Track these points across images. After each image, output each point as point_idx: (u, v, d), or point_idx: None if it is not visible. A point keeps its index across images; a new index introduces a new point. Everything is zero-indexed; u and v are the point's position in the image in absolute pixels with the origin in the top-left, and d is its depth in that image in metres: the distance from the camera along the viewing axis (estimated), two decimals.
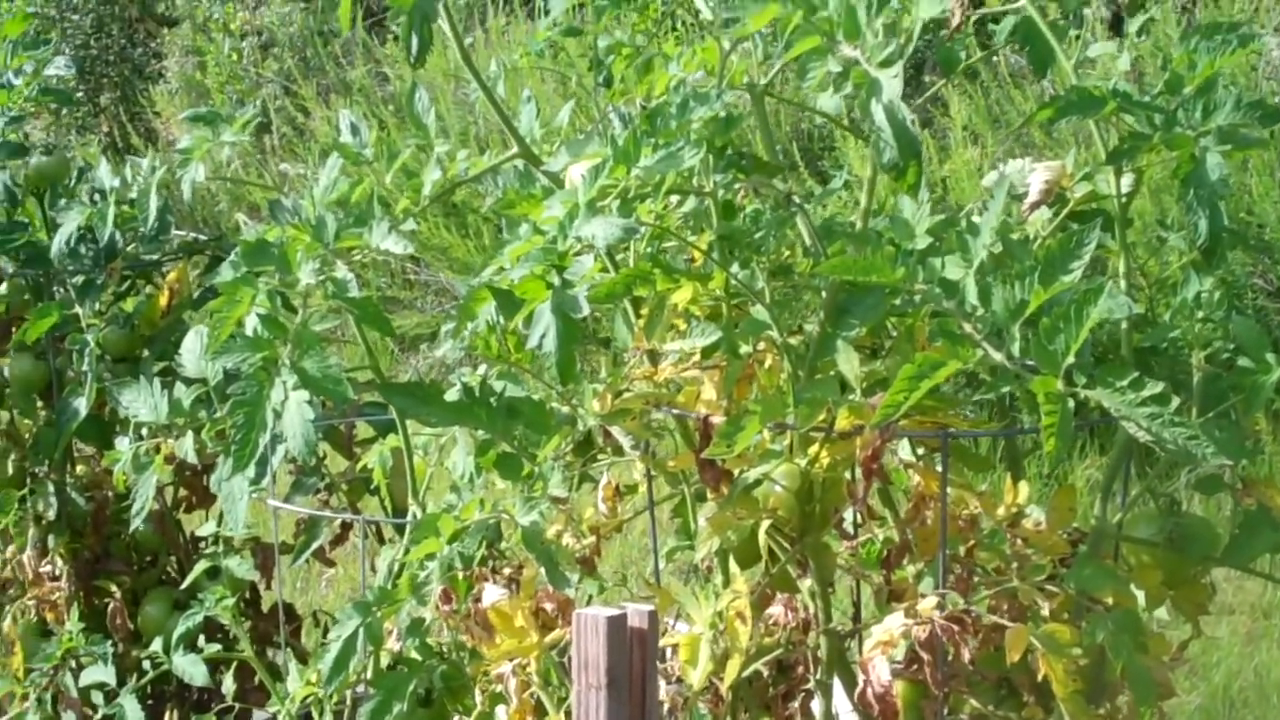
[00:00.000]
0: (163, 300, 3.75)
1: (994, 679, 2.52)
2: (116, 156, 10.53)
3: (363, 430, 3.69)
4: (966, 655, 2.34)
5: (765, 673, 2.63)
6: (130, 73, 11.58)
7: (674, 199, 2.61)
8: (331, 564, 3.61)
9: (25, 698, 3.57)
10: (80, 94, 11.46)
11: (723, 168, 2.50)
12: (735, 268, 2.53)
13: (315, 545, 3.40)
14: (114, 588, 3.79)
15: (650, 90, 2.74)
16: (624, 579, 2.85)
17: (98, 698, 3.38)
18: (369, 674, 2.88)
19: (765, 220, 2.50)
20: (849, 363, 2.38)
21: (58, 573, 3.78)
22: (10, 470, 3.81)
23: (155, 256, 3.81)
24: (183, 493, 3.84)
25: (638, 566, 5.85)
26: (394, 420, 3.51)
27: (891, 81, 2.09)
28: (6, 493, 3.74)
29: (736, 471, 2.54)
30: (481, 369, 2.84)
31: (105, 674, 3.31)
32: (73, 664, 3.58)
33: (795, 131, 7.96)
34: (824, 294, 2.56)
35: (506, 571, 2.81)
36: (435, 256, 8.49)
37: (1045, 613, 2.44)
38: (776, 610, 2.62)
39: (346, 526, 3.49)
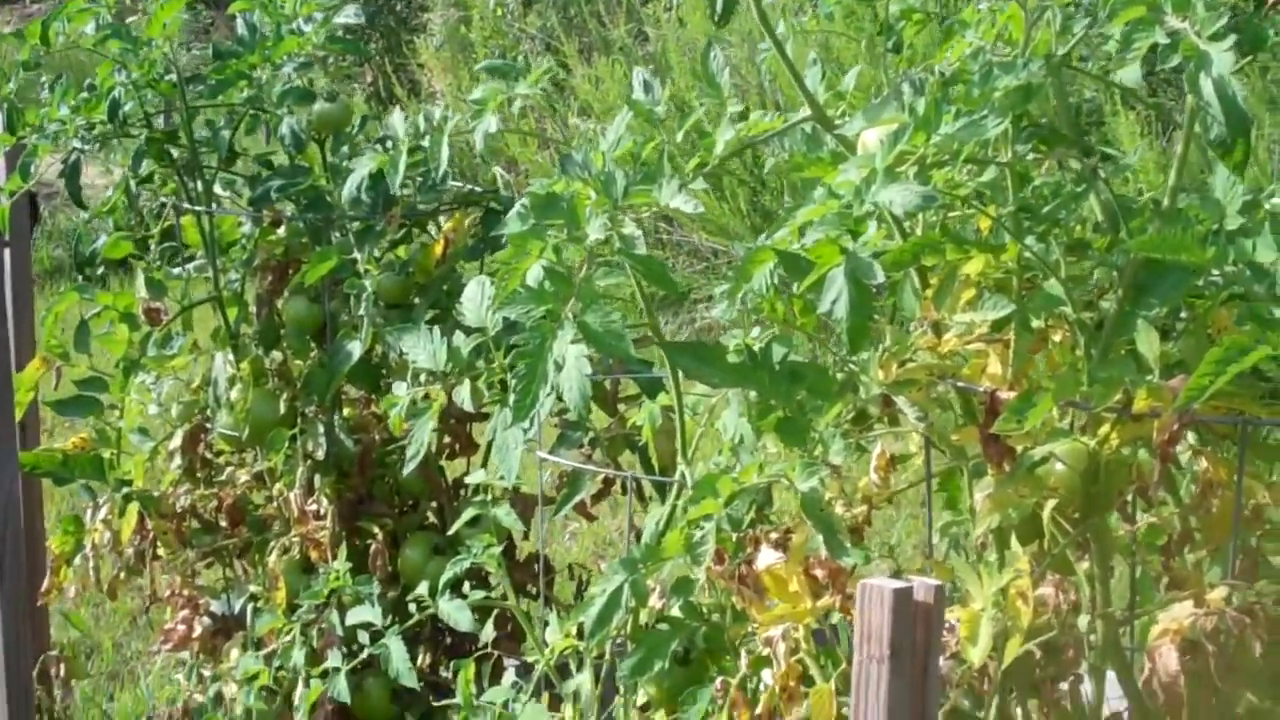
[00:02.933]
0: (438, 249, 3.78)
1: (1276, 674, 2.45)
2: (380, 106, 10.68)
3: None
4: (1258, 649, 2.27)
5: (1036, 654, 2.58)
6: (395, 24, 11.74)
7: (968, 169, 2.56)
8: (592, 518, 3.62)
9: (288, 632, 3.63)
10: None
11: (1024, 138, 2.45)
12: (1030, 240, 2.48)
13: (577, 499, 3.41)
14: (375, 530, 3.84)
15: (947, 57, 2.69)
16: (889, 550, 2.82)
17: (362, 637, 3.42)
18: (628, 629, 2.88)
19: (1065, 193, 2.45)
20: (1149, 343, 2.32)
21: (322, 512, 3.83)
22: (282, 409, 3.87)
23: (431, 205, 3.85)
24: (446, 439, 3.88)
25: (881, 536, 5.82)
26: (657, 379, 3.51)
27: (1223, 55, 2.03)
28: (278, 430, 3.80)
29: (1020, 448, 2.50)
30: (754, 331, 2.81)
31: (373, 614, 3.36)
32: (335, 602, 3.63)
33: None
34: (1116, 272, 2.49)
35: (773, 536, 2.78)
36: (688, 217, 8.49)
37: None
38: (1046, 591, 2.56)
39: (609, 482, 3.50)
